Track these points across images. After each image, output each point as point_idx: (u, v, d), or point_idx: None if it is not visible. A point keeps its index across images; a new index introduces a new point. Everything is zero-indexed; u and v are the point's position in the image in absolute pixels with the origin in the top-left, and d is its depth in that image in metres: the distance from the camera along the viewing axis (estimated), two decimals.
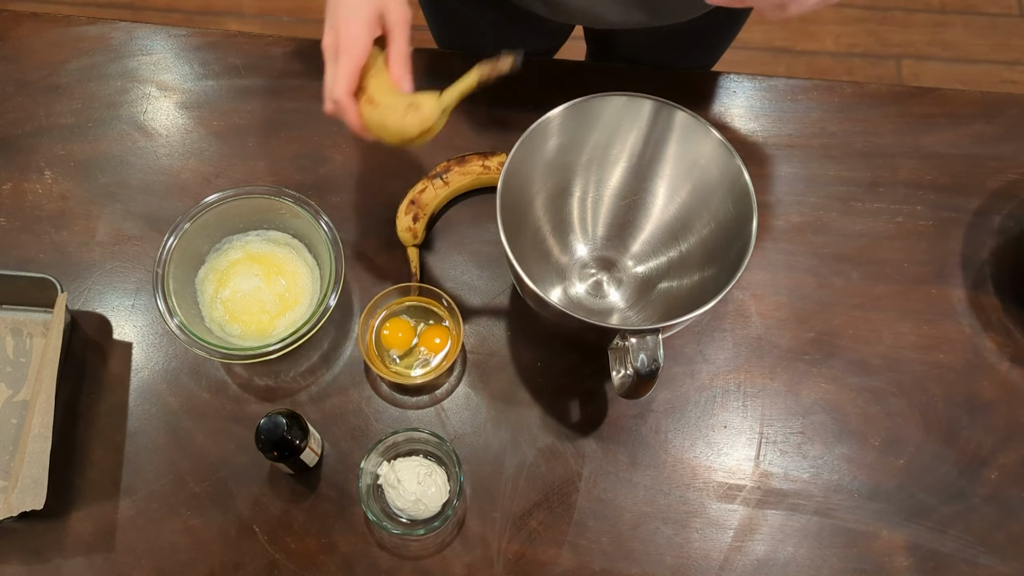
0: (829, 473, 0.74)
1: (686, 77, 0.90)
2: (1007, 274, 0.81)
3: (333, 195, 0.83)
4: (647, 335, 0.61)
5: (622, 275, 0.79)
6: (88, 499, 0.73)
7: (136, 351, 0.78)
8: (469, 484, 0.73)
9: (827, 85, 0.89)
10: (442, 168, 0.81)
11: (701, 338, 0.78)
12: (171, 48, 0.91)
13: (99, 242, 0.82)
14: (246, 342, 0.76)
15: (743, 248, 0.64)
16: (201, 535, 0.72)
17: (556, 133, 0.70)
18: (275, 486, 0.73)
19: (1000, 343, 0.78)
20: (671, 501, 0.73)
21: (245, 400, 0.76)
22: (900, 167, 0.85)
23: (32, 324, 0.78)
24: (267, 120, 0.87)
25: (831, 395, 0.77)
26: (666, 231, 0.77)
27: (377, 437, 0.74)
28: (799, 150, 0.86)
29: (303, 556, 0.71)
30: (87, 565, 0.71)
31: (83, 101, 0.88)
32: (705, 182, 0.71)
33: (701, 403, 0.76)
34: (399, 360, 0.76)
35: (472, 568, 0.71)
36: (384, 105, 0.63)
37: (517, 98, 0.86)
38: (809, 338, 0.78)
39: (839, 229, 0.83)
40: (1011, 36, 1.86)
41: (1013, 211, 0.83)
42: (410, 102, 0.63)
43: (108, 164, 0.85)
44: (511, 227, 0.65)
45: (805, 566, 0.71)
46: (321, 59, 0.95)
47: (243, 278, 0.78)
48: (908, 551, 0.72)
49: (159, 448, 0.74)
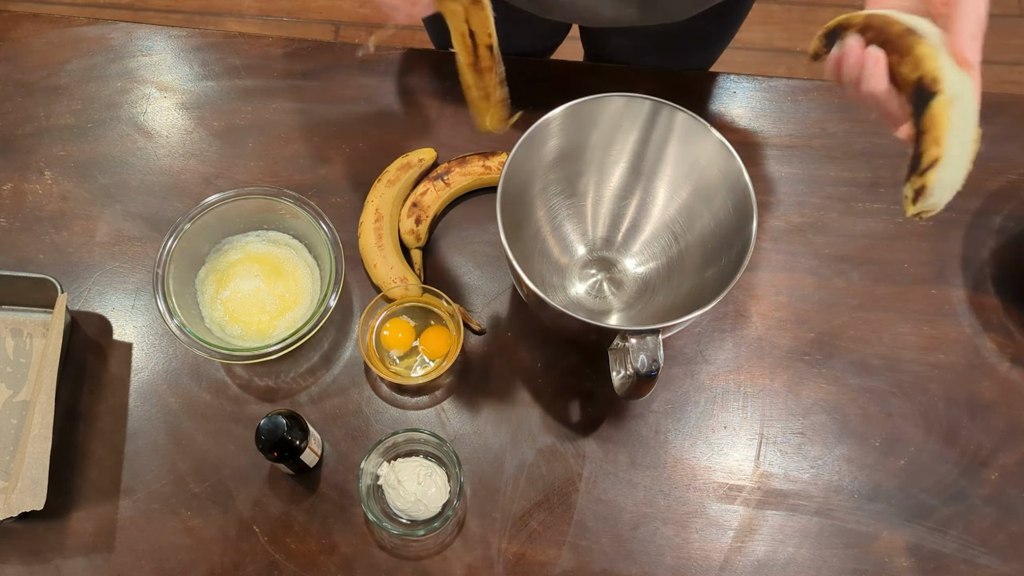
0: (829, 474, 0.74)
1: (686, 78, 0.90)
2: (1007, 274, 0.81)
3: (333, 195, 0.83)
4: (647, 336, 0.61)
5: (622, 275, 0.79)
6: (88, 499, 0.73)
7: (136, 352, 0.78)
8: (469, 485, 0.73)
9: (827, 85, 0.89)
10: (443, 169, 0.81)
11: (701, 338, 0.78)
12: (171, 49, 0.91)
13: (99, 242, 0.82)
14: (246, 343, 0.76)
15: (743, 248, 0.64)
16: (201, 535, 0.72)
17: (556, 134, 0.70)
18: (275, 486, 0.73)
19: (1000, 343, 0.78)
20: (671, 502, 0.73)
21: (245, 401, 0.76)
22: (901, 167, 0.85)
23: (32, 324, 0.78)
24: (267, 120, 0.87)
25: (831, 395, 0.77)
26: (666, 231, 0.77)
27: (377, 438, 0.74)
28: (799, 150, 0.86)
29: (303, 556, 0.71)
30: (87, 565, 0.71)
31: (83, 101, 0.88)
32: (705, 182, 0.71)
33: (701, 403, 0.76)
34: (399, 360, 0.76)
35: (472, 568, 0.71)
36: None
37: (517, 98, 0.86)
38: (809, 338, 0.78)
39: (839, 229, 0.83)
40: (1011, 36, 1.86)
41: (1013, 211, 0.83)
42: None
43: (108, 164, 0.85)
44: (511, 228, 0.65)
45: (805, 567, 0.71)
46: (320, 60, 0.95)
47: (243, 279, 0.78)
48: (908, 552, 0.72)
49: (159, 448, 0.74)
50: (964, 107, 0.49)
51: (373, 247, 0.78)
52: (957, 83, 0.49)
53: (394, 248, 0.79)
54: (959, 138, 0.49)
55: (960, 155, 0.50)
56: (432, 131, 0.86)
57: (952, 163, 0.49)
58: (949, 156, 0.49)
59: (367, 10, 1.91)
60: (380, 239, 0.78)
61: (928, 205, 0.51)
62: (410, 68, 0.89)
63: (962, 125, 0.49)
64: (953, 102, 0.49)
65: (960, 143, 0.49)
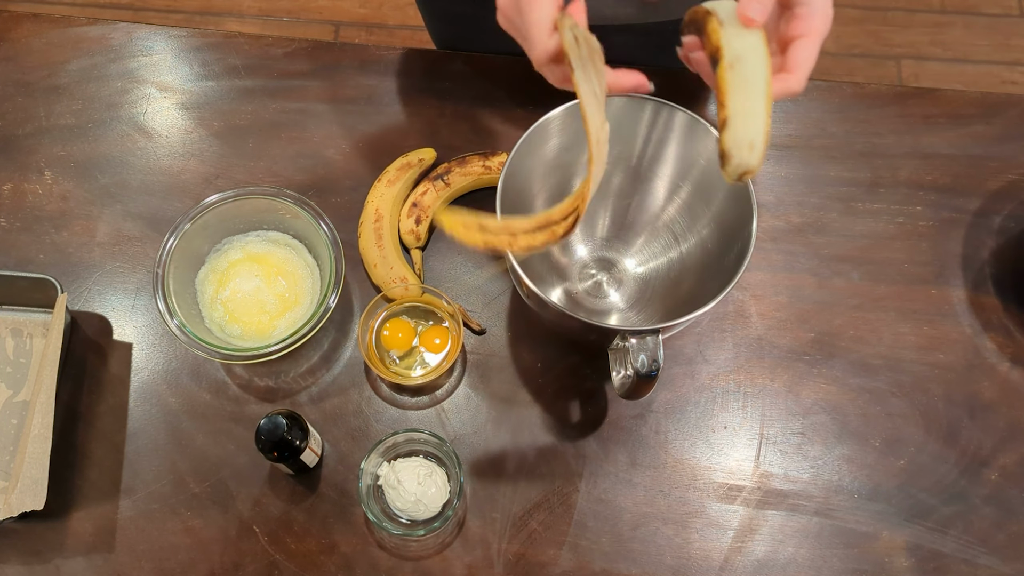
0: (829, 474, 0.74)
1: (686, 77, 0.90)
2: (1007, 274, 0.81)
3: (333, 195, 0.83)
4: (647, 336, 0.61)
5: (622, 275, 0.79)
6: (88, 499, 0.73)
7: (136, 352, 0.78)
8: (469, 485, 0.73)
9: (827, 85, 0.89)
10: (443, 169, 0.81)
11: (701, 338, 0.78)
12: (171, 49, 0.91)
13: (99, 242, 0.82)
14: (246, 342, 0.76)
15: (743, 248, 0.64)
16: (201, 535, 0.72)
17: (556, 133, 0.70)
18: (275, 487, 0.73)
19: (1000, 343, 0.78)
20: (671, 502, 0.73)
21: (245, 401, 0.76)
22: (900, 167, 0.85)
23: (32, 325, 0.78)
24: (267, 120, 0.87)
25: (831, 395, 0.77)
26: (666, 231, 0.77)
27: (377, 438, 0.74)
28: (799, 150, 0.86)
29: (303, 556, 0.71)
30: (87, 565, 0.71)
31: (83, 101, 0.88)
32: (705, 182, 0.71)
33: (701, 404, 0.76)
34: (399, 360, 0.76)
35: (472, 568, 0.71)
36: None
37: (517, 98, 0.86)
38: (809, 339, 0.78)
39: (839, 229, 0.83)
40: (1011, 36, 1.86)
41: (1013, 211, 0.83)
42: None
43: (108, 164, 0.85)
44: None
45: (805, 567, 0.71)
46: (320, 60, 0.95)
47: (243, 279, 0.78)
48: (908, 552, 0.72)
49: (159, 448, 0.74)
50: (746, 67, 0.51)
51: (373, 247, 0.78)
52: (738, 46, 0.51)
53: (394, 248, 0.79)
54: (743, 95, 0.51)
55: (748, 111, 0.51)
56: (432, 131, 0.86)
57: (740, 121, 0.51)
58: (735, 115, 0.51)
59: (367, 10, 1.91)
60: (380, 239, 0.78)
61: (735, 167, 0.53)
62: (410, 68, 0.89)
63: (745, 84, 0.51)
64: (733, 66, 0.51)
65: (745, 100, 0.51)
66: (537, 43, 0.54)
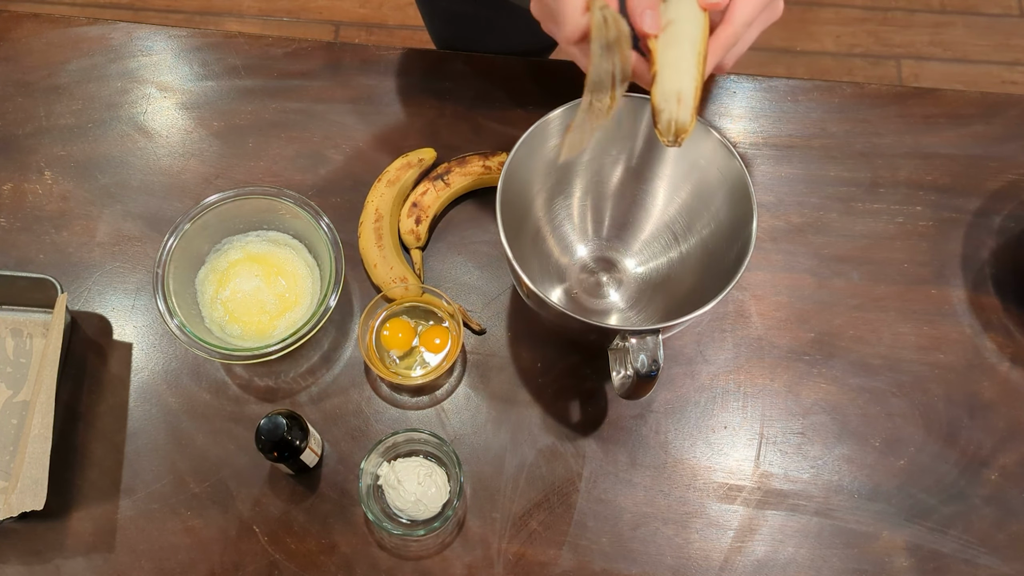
0: (829, 474, 0.74)
1: None
2: (1007, 274, 0.81)
3: (333, 195, 0.83)
4: (647, 336, 0.61)
5: (622, 275, 0.79)
6: (88, 499, 0.73)
7: (136, 352, 0.78)
8: (469, 485, 0.73)
9: (827, 86, 0.89)
10: (443, 169, 0.81)
11: (701, 338, 0.78)
12: (171, 49, 0.91)
13: (99, 242, 0.82)
14: (246, 343, 0.76)
15: (743, 248, 0.64)
16: (201, 535, 0.72)
17: (556, 133, 0.70)
18: (275, 486, 0.73)
19: (1000, 343, 0.78)
20: (671, 502, 0.73)
21: (245, 401, 0.76)
22: (900, 167, 0.85)
23: (32, 324, 0.78)
24: (267, 120, 0.87)
25: (831, 395, 0.77)
26: (666, 231, 0.77)
27: (377, 438, 0.74)
28: (799, 150, 0.86)
29: (303, 556, 0.71)
30: (87, 565, 0.71)
31: (83, 101, 0.88)
32: (705, 182, 0.71)
33: (701, 403, 0.76)
34: (399, 360, 0.76)
35: (472, 568, 0.71)
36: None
37: (517, 98, 0.86)
38: (809, 338, 0.78)
39: (839, 229, 0.83)
40: (1011, 36, 1.86)
41: (1013, 211, 0.83)
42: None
43: (108, 164, 0.85)
44: (511, 228, 0.65)
45: (805, 567, 0.71)
46: (320, 60, 0.95)
47: (243, 279, 0.78)
48: (908, 552, 0.72)
49: (159, 448, 0.74)
50: (679, 26, 0.53)
51: (373, 247, 0.78)
52: (675, 12, 0.53)
53: (394, 248, 0.79)
54: (673, 50, 0.53)
55: (677, 63, 0.53)
56: (432, 131, 0.86)
57: (668, 73, 0.53)
58: (663, 67, 0.53)
59: (367, 10, 1.91)
60: (380, 239, 0.78)
61: (667, 123, 0.54)
62: (410, 68, 0.89)
63: (675, 40, 0.53)
64: (666, 28, 0.53)
65: (675, 54, 0.53)
66: (569, 20, 0.55)
